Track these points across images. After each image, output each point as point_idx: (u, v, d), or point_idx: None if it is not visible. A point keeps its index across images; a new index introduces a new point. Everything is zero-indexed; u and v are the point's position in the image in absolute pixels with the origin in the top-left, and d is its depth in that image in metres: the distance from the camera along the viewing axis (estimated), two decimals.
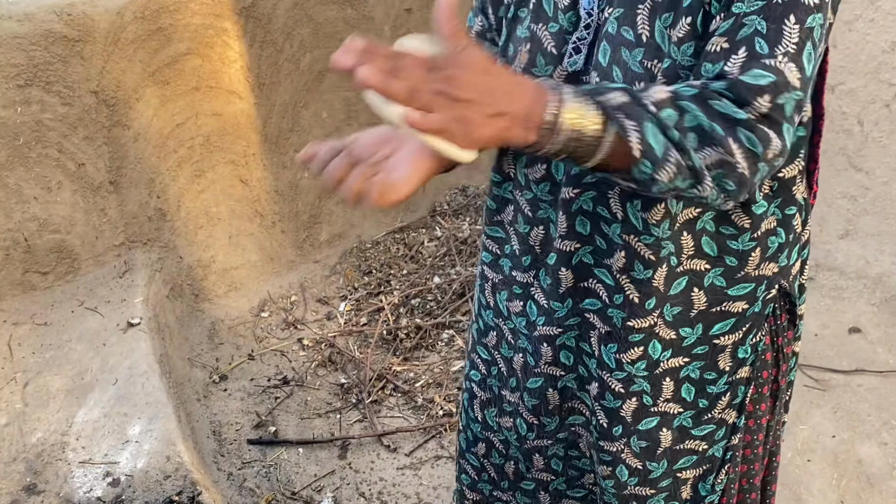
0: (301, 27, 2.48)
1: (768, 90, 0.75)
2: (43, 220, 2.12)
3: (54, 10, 1.99)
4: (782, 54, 0.76)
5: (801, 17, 0.76)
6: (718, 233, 0.94)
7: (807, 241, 1.06)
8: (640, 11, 0.85)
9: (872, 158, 2.39)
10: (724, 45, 0.78)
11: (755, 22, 0.76)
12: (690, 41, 0.83)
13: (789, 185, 0.96)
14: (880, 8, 2.22)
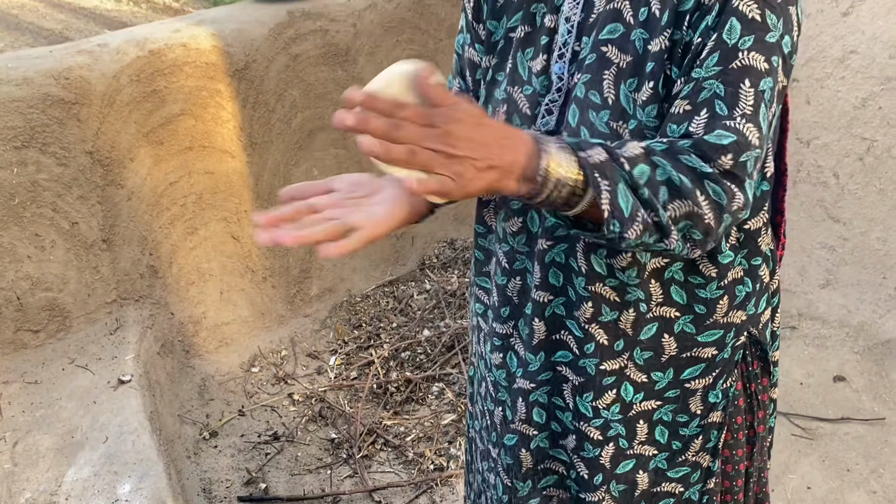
0: (292, 88, 2.55)
1: (731, 149, 0.81)
2: (36, 278, 2.14)
3: (52, 74, 2.04)
4: (741, 115, 0.82)
5: (754, 81, 0.82)
6: (687, 282, 0.99)
7: (776, 290, 1.11)
8: (606, 77, 0.91)
9: (849, 210, 2.46)
10: (686, 108, 0.84)
11: (714, 86, 0.83)
12: (654, 104, 0.88)
13: (754, 236, 1.01)
14: (849, 67, 2.31)
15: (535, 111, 0.98)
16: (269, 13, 2.49)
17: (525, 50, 0.99)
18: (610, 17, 0.91)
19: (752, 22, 0.82)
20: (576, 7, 0.94)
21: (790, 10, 0.85)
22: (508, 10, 1.01)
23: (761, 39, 0.82)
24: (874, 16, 2.22)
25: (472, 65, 1.09)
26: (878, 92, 2.28)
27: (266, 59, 2.46)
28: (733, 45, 0.82)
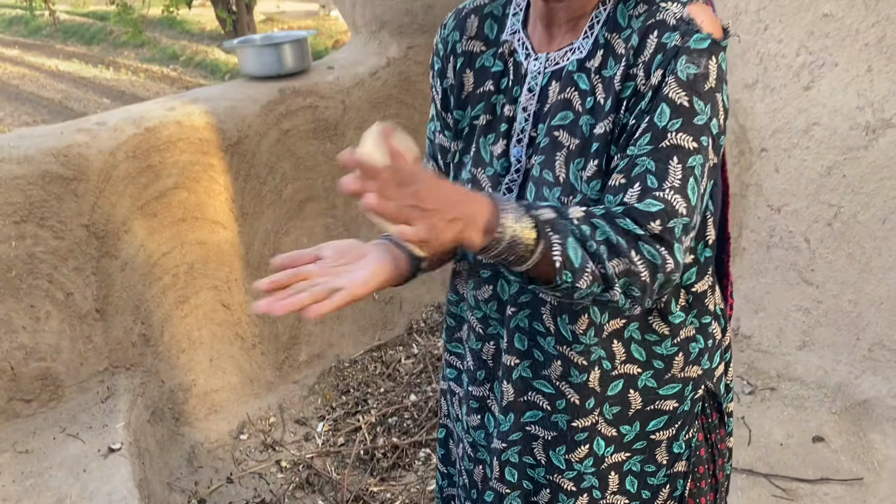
0: (283, 161, 2.65)
1: (658, 216, 0.91)
2: (30, 348, 2.19)
3: (52, 152, 2.13)
4: (669, 188, 0.91)
5: (682, 158, 0.92)
6: (644, 340, 1.08)
7: (728, 346, 1.21)
8: (558, 158, 1.02)
9: (821, 273, 2.54)
10: (622, 181, 0.94)
11: (646, 162, 0.93)
12: (597, 179, 0.99)
13: (702, 297, 1.11)
14: (813, 137, 2.43)
15: (496, 190, 1.08)
16: (261, 91, 2.61)
17: (487, 136, 1.10)
18: (561, 106, 1.02)
19: (681, 107, 0.92)
20: (532, 98, 1.05)
21: (717, 96, 0.94)
22: (472, 101, 1.12)
23: (689, 122, 0.92)
24: (833, 90, 2.35)
25: (443, 149, 1.19)
26: (842, 161, 2.39)
27: (258, 134, 2.56)
28: (663, 127, 0.92)
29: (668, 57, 0.93)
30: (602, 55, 1.00)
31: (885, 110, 2.26)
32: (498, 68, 1.10)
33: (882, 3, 2.20)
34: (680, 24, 0.94)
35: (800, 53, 2.40)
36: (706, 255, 1.10)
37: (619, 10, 1.00)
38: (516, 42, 1.08)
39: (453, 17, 1.16)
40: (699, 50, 0.93)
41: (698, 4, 0.97)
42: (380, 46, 2.90)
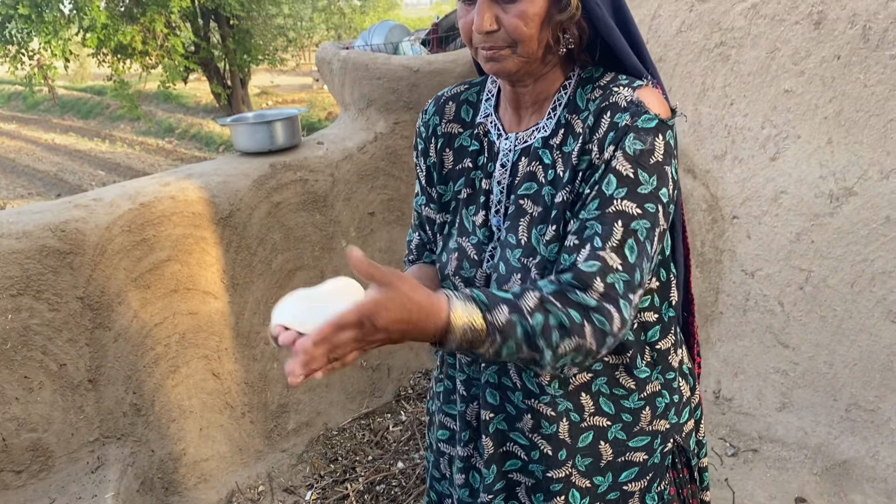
0: (273, 232, 2.74)
1: (598, 274, 0.99)
2: (22, 419, 2.23)
3: (49, 227, 2.21)
4: (609, 247, 1.00)
5: (626, 222, 1.01)
6: (612, 394, 1.17)
7: (699, 404, 1.29)
8: (521, 223, 1.13)
9: (796, 336, 2.61)
10: (575, 242, 1.03)
11: (594, 226, 1.02)
12: (555, 242, 1.08)
13: (666, 354, 1.20)
14: (782, 205, 2.53)
15: (480, 257, 1.18)
16: (253, 166, 2.71)
17: (469, 207, 1.21)
18: (527, 178, 1.14)
19: (626, 178, 1.02)
20: (505, 173, 1.17)
21: (665, 168, 1.04)
22: (454, 176, 1.24)
23: (633, 191, 1.02)
24: (798, 161, 2.47)
25: (430, 221, 1.31)
26: (810, 227, 2.49)
27: (249, 207, 2.66)
28: (610, 195, 1.02)
29: (619, 135, 1.03)
30: (563, 133, 1.11)
31: (846, 179, 2.37)
32: (474, 147, 1.22)
33: (838, 80, 2.34)
34: (630, 106, 1.05)
35: (765, 126, 2.53)
36: (670, 315, 1.20)
37: (578, 94, 1.12)
38: (489, 124, 1.21)
39: (433, 104, 1.29)
40: (646, 129, 1.03)
41: (647, 88, 1.08)
42: (367, 122, 3.02)
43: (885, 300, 2.38)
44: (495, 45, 1.07)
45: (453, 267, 1.21)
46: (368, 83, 2.93)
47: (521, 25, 1.04)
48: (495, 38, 1.06)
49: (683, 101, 2.71)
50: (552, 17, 1.05)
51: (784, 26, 2.40)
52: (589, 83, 1.12)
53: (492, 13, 1.05)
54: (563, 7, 1.05)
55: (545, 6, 1.04)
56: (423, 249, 1.36)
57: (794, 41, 2.39)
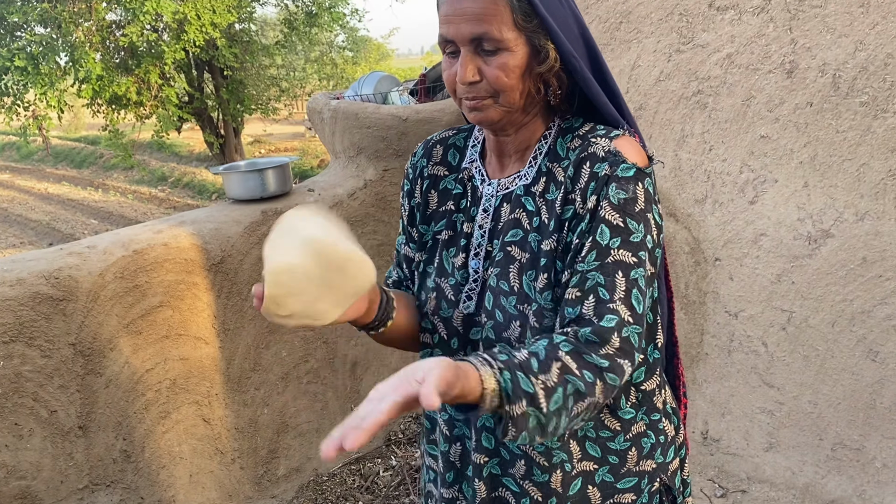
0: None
1: (616, 329, 1.02)
2: (11, 467, 2.23)
3: (43, 275, 2.25)
4: (619, 299, 1.03)
5: (626, 272, 1.05)
6: (598, 437, 1.19)
7: (683, 443, 1.31)
8: (511, 270, 1.16)
9: (780, 376, 2.65)
10: (577, 294, 1.06)
11: (596, 277, 1.05)
12: (548, 290, 1.11)
13: (651, 395, 1.23)
14: (762, 247, 2.59)
15: (458, 297, 1.22)
16: (244, 213, 2.77)
17: (449, 249, 1.25)
18: (512, 225, 1.18)
19: (618, 227, 1.06)
20: (487, 217, 1.21)
21: (647, 215, 1.08)
22: (436, 217, 1.29)
23: (626, 240, 1.06)
24: (776, 204, 2.54)
25: (409, 259, 1.35)
26: (790, 269, 2.54)
27: (240, 253, 2.70)
28: (606, 245, 1.06)
29: (600, 184, 1.08)
30: (545, 181, 1.16)
31: (823, 221, 2.44)
32: (458, 191, 1.27)
33: (811, 126, 2.42)
34: (608, 156, 1.09)
35: (743, 171, 2.60)
36: (655, 356, 1.23)
37: (559, 143, 1.17)
38: (474, 169, 1.26)
39: (422, 147, 1.35)
40: (626, 178, 1.08)
41: (624, 138, 1.13)
42: (357, 170, 3.09)
43: (864, 339, 2.43)
44: (478, 95, 1.12)
45: (432, 307, 1.25)
46: (358, 132, 3.01)
47: (503, 76, 1.09)
48: (478, 88, 1.11)
49: (664, 147, 2.79)
50: (532, 69, 1.10)
51: (758, 75, 2.50)
52: (569, 132, 1.17)
53: (474, 65, 1.10)
54: (542, 59, 1.10)
55: (525, 58, 1.09)
56: (400, 286, 1.40)
57: (768, 89, 2.48)
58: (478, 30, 1.08)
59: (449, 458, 1.27)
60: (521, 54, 1.09)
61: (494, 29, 1.07)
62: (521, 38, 1.09)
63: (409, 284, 1.38)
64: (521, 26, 1.08)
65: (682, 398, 1.36)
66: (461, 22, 1.08)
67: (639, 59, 2.80)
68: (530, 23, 1.08)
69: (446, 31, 1.11)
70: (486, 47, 1.09)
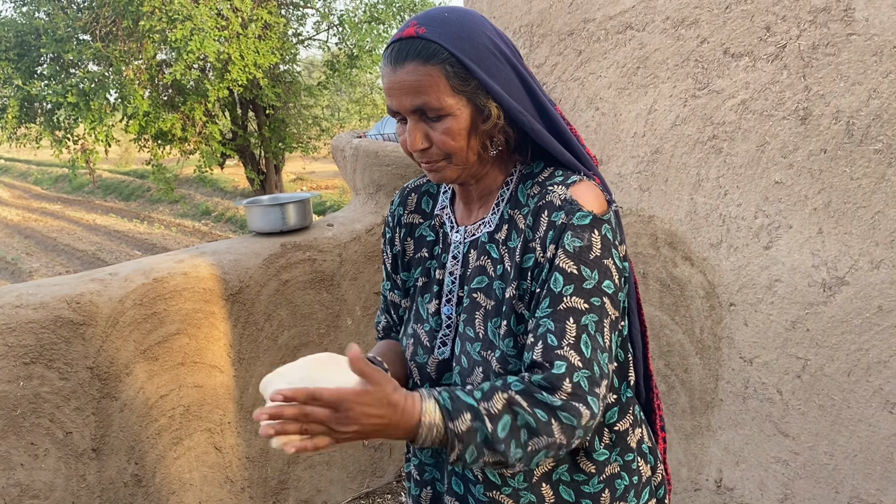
0: (281, 309, 2.83)
1: (566, 374, 1.04)
2: (25, 485, 2.29)
3: (65, 299, 2.33)
4: (567, 345, 1.06)
5: (577, 318, 1.07)
6: (573, 480, 1.19)
7: (661, 482, 1.30)
8: (477, 317, 1.19)
9: (796, 425, 2.59)
10: (531, 340, 1.09)
11: (547, 323, 1.08)
12: (510, 337, 1.14)
13: (624, 435, 1.23)
14: (776, 293, 2.57)
15: (432, 343, 1.24)
16: (264, 245, 2.84)
17: (424, 295, 1.29)
18: (478, 272, 1.21)
19: (571, 275, 1.08)
20: (457, 265, 1.24)
21: (605, 262, 1.10)
22: (413, 264, 1.33)
23: (579, 287, 1.08)
24: (790, 250, 2.52)
25: (394, 305, 1.39)
26: (804, 316, 2.51)
27: (258, 284, 2.76)
28: (559, 292, 1.08)
29: (557, 233, 1.10)
30: (507, 229, 1.19)
31: (837, 269, 2.41)
32: (431, 238, 1.30)
33: (825, 173, 2.41)
34: (564, 205, 1.12)
35: (757, 216, 2.59)
36: (627, 395, 1.23)
37: (520, 190, 1.20)
38: (445, 216, 1.30)
39: (399, 195, 1.40)
40: (582, 226, 1.10)
41: (582, 184, 1.15)
42: (376, 206, 3.15)
43: (881, 390, 2.37)
44: (431, 159, 1.16)
45: (410, 353, 1.28)
46: (378, 169, 3.07)
47: (449, 140, 1.13)
48: (430, 154, 1.15)
49: (680, 190, 2.80)
50: (477, 128, 1.14)
51: (772, 121, 2.50)
52: (529, 178, 1.20)
53: (422, 132, 1.13)
54: (485, 118, 1.13)
55: (468, 120, 1.13)
56: (390, 331, 1.44)
57: (783, 135, 2.49)
58: (417, 101, 1.11)
59: (419, 500, 1.29)
60: (465, 116, 1.12)
61: (433, 99, 1.10)
62: (461, 100, 1.12)
63: (396, 329, 1.42)
64: (460, 90, 1.11)
65: (660, 432, 1.36)
66: (401, 95, 1.12)
67: (655, 103, 2.83)
68: (468, 85, 1.11)
69: (390, 102, 1.15)
70: (429, 115, 1.12)
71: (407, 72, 1.11)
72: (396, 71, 1.12)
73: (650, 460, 1.28)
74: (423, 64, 1.10)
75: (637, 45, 2.87)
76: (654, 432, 1.34)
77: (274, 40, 10.89)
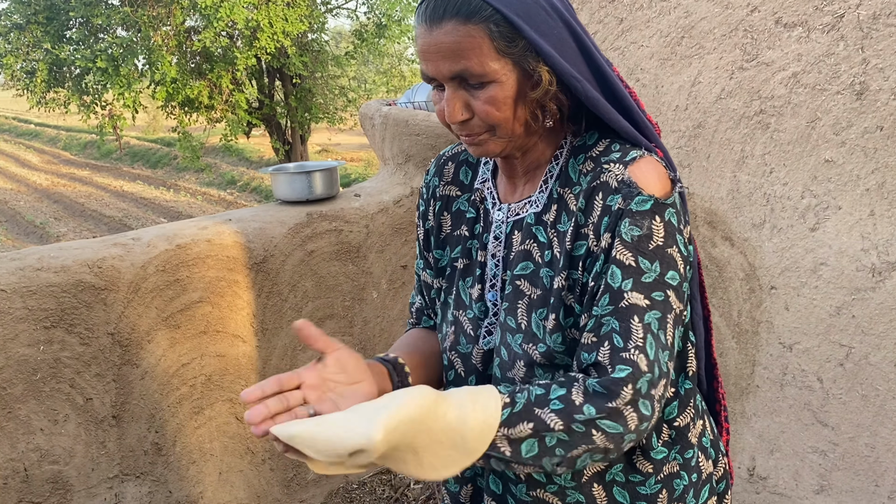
0: (305, 280, 2.77)
1: (628, 380, 0.93)
2: (45, 450, 2.26)
3: (87, 264, 2.28)
4: (634, 347, 0.94)
5: (641, 316, 0.96)
6: (628, 481, 1.08)
7: (723, 476, 1.19)
8: (520, 306, 1.07)
9: (836, 415, 2.49)
10: (593, 339, 0.97)
11: (610, 321, 0.96)
12: (558, 332, 1.03)
13: (685, 431, 1.12)
14: (821, 277, 2.46)
15: (477, 332, 1.14)
16: (290, 214, 2.77)
17: (465, 279, 1.17)
18: (522, 256, 1.09)
19: (629, 267, 0.97)
20: (499, 245, 1.12)
21: (668, 251, 0.98)
22: (451, 242, 1.21)
23: (638, 281, 0.96)
24: (838, 232, 2.40)
25: (427, 286, 1.27)
26: (850, 301, 2.40)
27: (283, 254, 2.70)
28: (618, 287, 0.96)
29: (613, 220, 0.98)
30: (556, 209, 1.07)
31: (889, 253, 2.29)
32: (471, 214, 1.18)
33: (881, 152, 2.28)
34: (622, 187, 0.99)
35: (804, 196, 2.47)
36: (686, 387, 1.12)
37: (570, 165, 1.07)
38: (486, 190, 1.17)
39: (434, 164, 1.27)
40: (641, 212, 0.98)
41: (642, 161, 1.02)
42: (405, 177, 3.07)
43: None
44: (472, 132, 1.03)
45: (450, 342, 1.17)
46: (408, 139, 2.99)
47: (493, 111, 1.00)
48: (471, 126, 1.03)
49: (722, 167, 2.68)
50: (525, 95, 1.01)
51: (825, 96, 2.37)
52: (581, 152, 1.07)
53: (461, 101, 1.01)
54: (535, 84, 1.00)
55: (514, 86, 1.00)
56: (422, 314, 1.32)
57: (836, 111, 2.36)
58: (456, 67, 0.98)
59: (459, 499, 1.20)
60: (511, 83, 0.99)
61: (475, 63, 0.97)
62: (507, 65, 0.98)
63: (430, 314, 1.31)
64: (506, 52, 0.98)
65: (724, 423, 1.24)
66: (438, 59, 0.99)
67: (700, 75, 2.71)
68: (515, 46, 0.98)
69: (425, 67, 1.02)
70: (470, 82, 1.00)
71: (445, 32, 0.97)
72: (432, 31, 0.98)
73: (711, 454, 1.17)
74: (463, 23, 0.96)
75: (682, 13, 2.73)
76: (717, 423, 1.23)
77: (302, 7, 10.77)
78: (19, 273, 2.17)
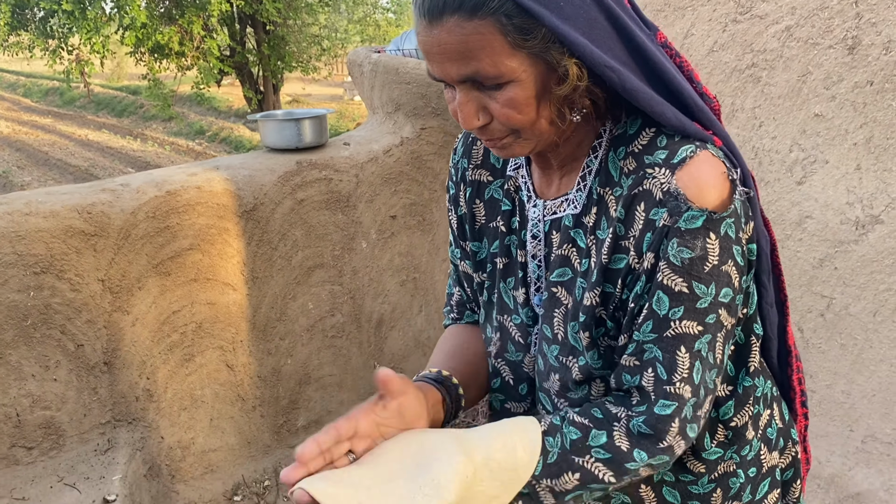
0: (295, 229, 2.76)
1: (674, 415, 0.88)
2: (37, 396, 2.26)
3: (76, 209, 2.25)
4: (679, 379, 0.87)
5: (689, 345, 0.87)
6: (678, 481, 1.02)
7: (790, 465, 1.11)
8: (556, 315, 0.98)
9: (814, 363, 2.58)
10: (635, 363, 0.90)
11: (653, 350, 0.88)
12: (593, 349, 0.94)
13: (742, 431, 1.02)
14: (806, 230, 2.51)
15: (527, 340, 1.05)
16: (279, 162, 2.74)
17: (507, 280, 1.06)
18: (560, 262, 0.98)
19: (680, 294, 0.86)
20: (539, 244, 1.01)
21: (723, 268, 0.86)
22: (487, 234, 1.09)
23: (691, 308, 0.86)
24: (825, 186, 2.45)
25: (468, 277, 1.16)
26: (833, 254, 2.46)
27: (273, 202, 2.68)
28: (664, 315, 0.86)
29: (657, 237, 0.86)
30: (596, 212, 0.94)
31: (873, 207, 2.35)
32: (507, 207, 1.06)
33: (869, 106, 2.32)
34: (667, 199, 0.85)
35: (792, 150, 2.51)
36: (745, 385, 1.01)
37: (611, 159, 0.94)
38: (520, 179, 1.05)
39: (462, 143, 1.14)
40: (692, 230, 0.84)
41: (694, 162, 0.86)
42: (394, 126, 3.05)
43: None
44: (493, 136, 0.91)
45: (496, 348, 1.08)
46: (398, 87, 2.96)
47: (514, 114, 0.86)
48: (490, 130, 0.90)
49: None
50: (550, 91, 0.86)
51: (817, 50, 2.39)
52: (622, 144, 0.93)
53: (476, 105, 0.88)
54: (560, 79, 0.85)
55: (536, 84, 0.85)
56: (464, 308, 1.21)
57: (827, 65, 2.38)
58: (465, 70, 0.84)
59: None
60: (531, 80, 0.84)
61: (486, 64, 0.82)
62: (525, 59, 0.83)
63: (473, 307, 1.20)
64: (523, 46, 0.82)
65: (800, 409, 1.12)
66: (443, 61, 0.84)
67: (692, 27, 2.71)
68: (535, 38, 0.82)
69: (430, 67, 0.88)
70: (484, 84, 0.85)
71: (447, 30, 0.82)
72: (433, 28, 0.83)
73: (777, 444, 1.08)
74: (467, 18, 0.80)
75: None
76: (792, 410, 1.12)
77: None
78: (7, 217, 2.14)
